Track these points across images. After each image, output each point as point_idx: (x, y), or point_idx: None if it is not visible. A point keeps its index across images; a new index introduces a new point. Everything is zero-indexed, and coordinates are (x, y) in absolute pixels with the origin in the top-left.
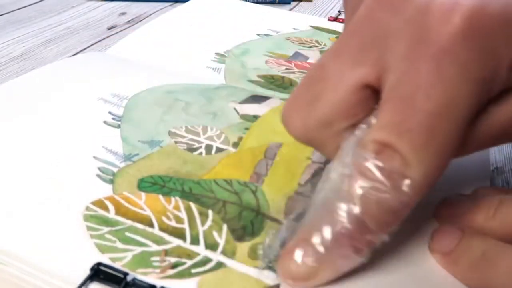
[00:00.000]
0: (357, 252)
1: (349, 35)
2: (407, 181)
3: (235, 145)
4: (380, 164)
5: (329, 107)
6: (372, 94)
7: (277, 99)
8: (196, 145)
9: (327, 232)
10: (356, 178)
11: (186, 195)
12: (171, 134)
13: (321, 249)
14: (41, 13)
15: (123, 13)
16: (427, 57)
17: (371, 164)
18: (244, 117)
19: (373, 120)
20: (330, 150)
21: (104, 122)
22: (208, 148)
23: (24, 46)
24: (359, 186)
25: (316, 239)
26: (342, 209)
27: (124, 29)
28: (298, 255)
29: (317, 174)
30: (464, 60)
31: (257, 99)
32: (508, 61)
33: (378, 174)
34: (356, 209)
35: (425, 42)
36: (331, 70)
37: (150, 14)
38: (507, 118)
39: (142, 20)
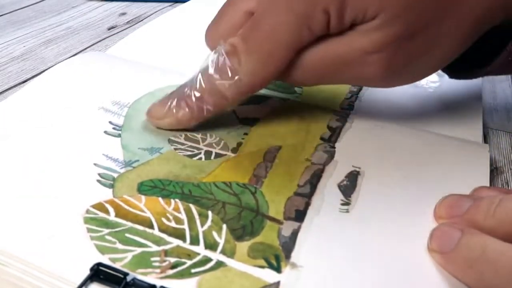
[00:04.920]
0: (193, 115)
1: None
2: (236, 76)
3: (234, 150)
4: (224, 59)
5: (226, 26)
6: None
7: (276, 99)
8: (196, 151)
9: (180, 94)
10: (209, 66)
11: (186, 197)
12: (170, 141)
13: (174, 103)
14: (41, 13)
15: (123, 13)
16: None
17: (220, 58)
18: (243, 120)
19: None
20: None
21: (105, 132)
22: (208, 154)
23: (24, 46)
24: (208, 71)
25: (172, 100)
26: (193, 84)
27: (124, 29)
28: (161, 104)
29: (316, 175)
30: None
31: (256, 99)
32: (322, 5)
33: (222, 65)
34: (200, 86)
35: None
36: (232, 1)
37: (150, 14)
38: (319, 58)
39: (142, 20)
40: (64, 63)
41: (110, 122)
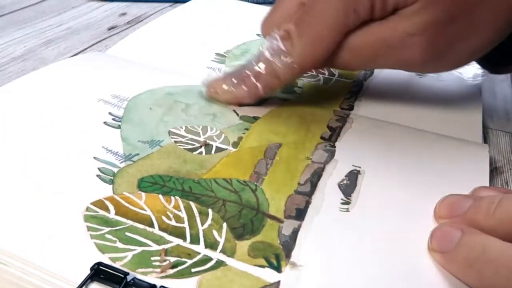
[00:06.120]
0: (250, 94)
1: None
2: (289, 58)
3: (235, 144)
4: (278, 43)
5: (280, 15)
6: None
7: (276, 99)
8: (196, 144)
9: (239, 74)
10: (264, 50)
11: (186, 194)
12: (171, 133)
13: (233, 82)
14: (41, 14)
15: (124, 14)
16: None
17: (275, 42)
18: (244, 118)
19: None
20: None
21: (104, 123)
22: (208, 148)
23: (25, 47)
24: (264, 55)
25: (232, 78)
26: (251, 65)
27: (124, 30)
28: (221, 80)
29: (317, 174)
30: None
31: None
32: None
33: (276, 49)
34: (257, 67)
35: None
36: None
37: (150, 15)
38: (364, 42)
39: (142, 20)
40: (64, 62)
41: (110, 113)
